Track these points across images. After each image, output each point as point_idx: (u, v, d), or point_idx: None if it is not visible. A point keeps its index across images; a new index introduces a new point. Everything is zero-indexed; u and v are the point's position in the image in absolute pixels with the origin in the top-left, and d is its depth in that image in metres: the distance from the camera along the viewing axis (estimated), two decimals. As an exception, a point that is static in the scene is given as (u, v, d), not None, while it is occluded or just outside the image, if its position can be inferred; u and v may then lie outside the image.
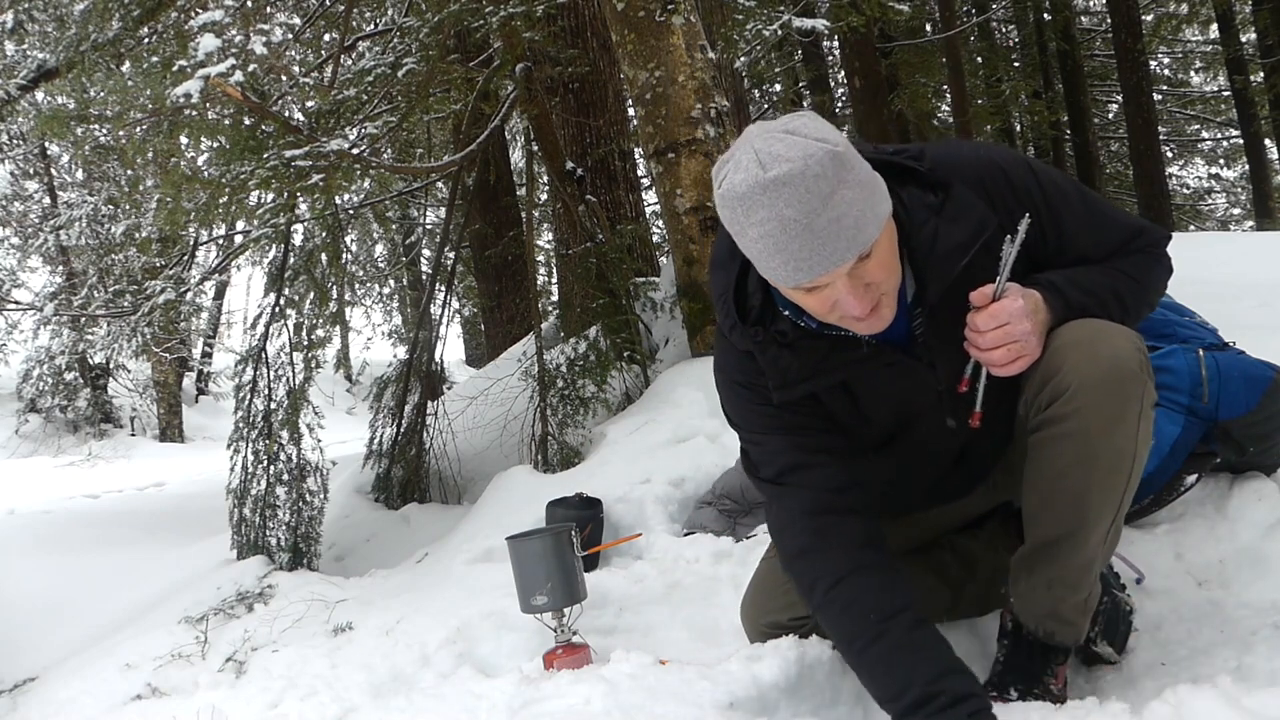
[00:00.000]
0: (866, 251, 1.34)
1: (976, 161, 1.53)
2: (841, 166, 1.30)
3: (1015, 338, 1.42)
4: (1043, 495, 1.53)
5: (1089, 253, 1.55)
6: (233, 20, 3.97)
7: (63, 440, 12.65)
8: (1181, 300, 2.42)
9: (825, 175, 1.29)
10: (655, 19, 3.89)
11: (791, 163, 1.29)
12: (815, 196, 1.29)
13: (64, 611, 4.04)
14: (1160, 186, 13.64)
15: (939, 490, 1.79)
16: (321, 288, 4.07)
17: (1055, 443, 1.47)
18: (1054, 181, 1.56)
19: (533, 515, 3.09)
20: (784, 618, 1.83)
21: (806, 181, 1.28)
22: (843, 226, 1.30)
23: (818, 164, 1.29)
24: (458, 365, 18.91)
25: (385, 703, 2.02)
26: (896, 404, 1.60)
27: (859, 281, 1.37)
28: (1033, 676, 1.61)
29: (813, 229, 1.29)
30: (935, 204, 1.48)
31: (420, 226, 16.96)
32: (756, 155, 1.31)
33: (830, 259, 1.31)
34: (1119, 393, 1.43)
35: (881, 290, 1.40)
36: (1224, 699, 1.37)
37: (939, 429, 1.62)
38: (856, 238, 1.32)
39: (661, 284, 4.49)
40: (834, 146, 1.31)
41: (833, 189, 1.29)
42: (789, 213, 1.29)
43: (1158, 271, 1.61)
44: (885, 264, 1.39)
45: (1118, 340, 1.45)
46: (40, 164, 12.50)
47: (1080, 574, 1.55)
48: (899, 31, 12.08)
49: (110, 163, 9.77)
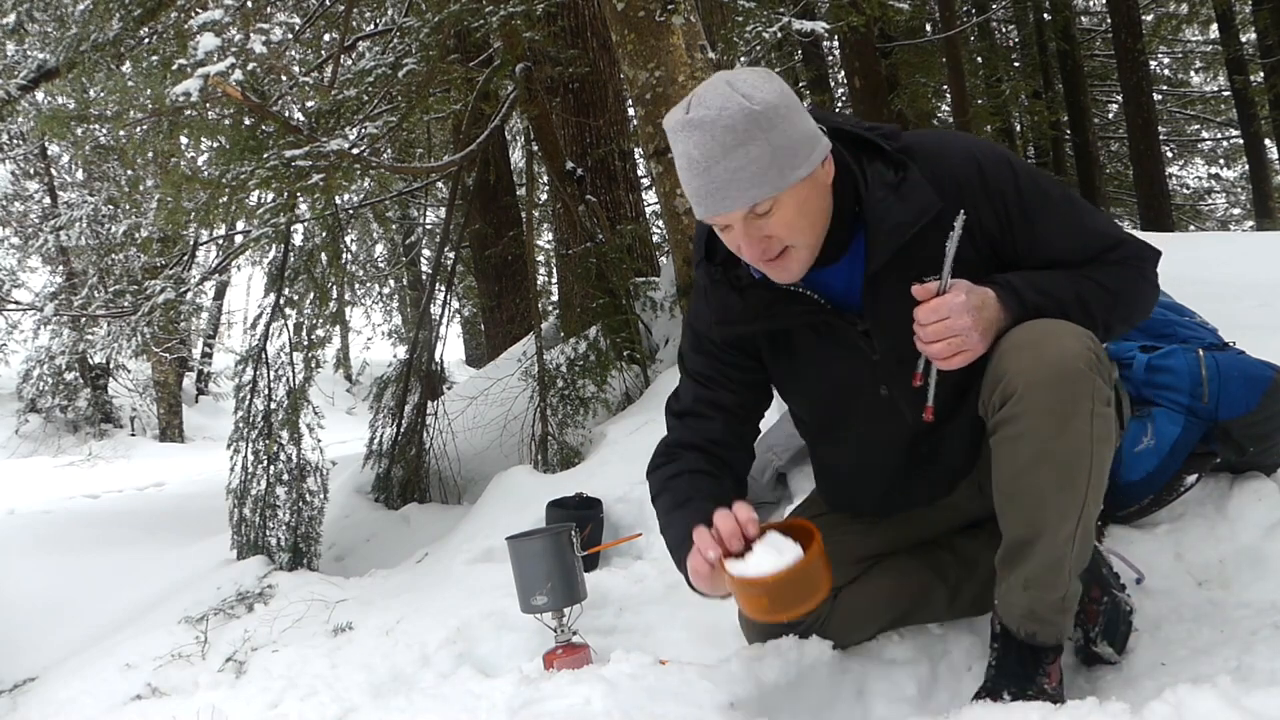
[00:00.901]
0: (764, 208, 1.44)
1: (954, 153, 1.57)
2: (754, 125, 1.40)
3: (955, 332, 1.46)
4: (1006, 497, 1.55)
5: (1061, 257, 1.57)
6: (232, 20, 3.97)
7: (63, 440, 12.64)
8: (1181, 300, 2.42)
9: (734, 129, 1.40)
10: (655, 19, 3.89)
11: (708, 110, 1.41)
12: (718, 145, 1.40)
13: (64, 611, 4.04)
14: (1160, 186, 13.64)
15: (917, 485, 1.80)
16: (321, 288, 4.07)
17: (1010, 444, 1.50)
18: (1034, 182, 1.58)
19: (533, 515, 3.09)
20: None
21: (715, 130, 1.40)
22: (737, 179, 1.41)
23: (730, 117, 1.40)
24: (458, 365, 18.90)
25: (385, 703, 2.01)
26: (831, 366, 1.66)
27: (756, 231, 1.46)
28: (1025, 679, 1.61)
29: (710, 173, 1.42)
30: (893, 182, 1.54)
31: (420, 226, 16.94)
32: (691, 98, 1.45)
33: (720, 204, 1.43)
34: (1067, 392, 1.45)
35: (784, 244, 1.48)
36: (1224, 699, 1.37)
37: (876, 401, 1.66)
38: (748, 193, 1.42)
39: (661, 284, 4.49)
40: (754, 105, 1.40)
41: (738, 143, 1.40)
42: (695, 153, 1.42)
43: (1137, 285, 1.60)
44: (789, 223, 1.47)
45: (1065, 340, 1.46)
46: (40, 164, 12.49)
47: (1052, 573, 1.56)
48: (899, 31, 12.07)
49: (110, 163, 9.77)
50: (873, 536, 1.89)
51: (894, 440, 1.71)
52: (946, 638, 1.89)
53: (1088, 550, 1.59)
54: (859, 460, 1.79)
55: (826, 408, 1.74)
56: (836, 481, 1.91)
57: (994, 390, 1.51)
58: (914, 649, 1.87)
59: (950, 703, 1.74)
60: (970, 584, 1.85)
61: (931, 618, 1.91)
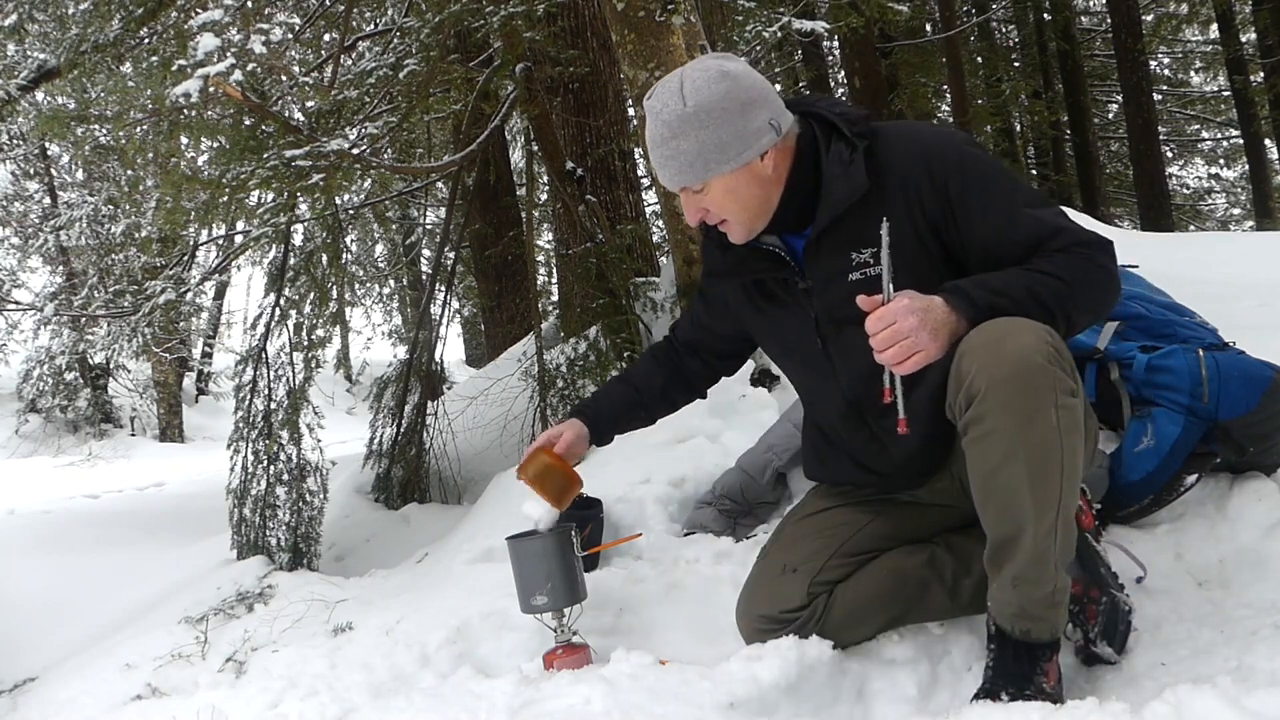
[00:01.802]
0: (697, 189, 1.71)
1: (908, 140, 1.71)
2: (684, 124, 1.65)
3: (904, 334, 1.50)
4: (983, 496, 1.58)
5: (999, 244, 1.62)
6: (232, 20, 3.96)
7: (63, 440, 12.64)
8: (1181, 300, 2.43)
9: (670, 124, 1.66)
10: (655, 19, 3.89)
11: (655, 102, 1.69)
12: (658, 134, 1.69)
13: (64, 611, 4.04)
14: (1160, 186, 13.65)
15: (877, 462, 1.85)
16: (321, 288, 4.07)
17: (980, 443, 1.54)
18: (980, 171, 1.65)
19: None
20: (774, 611, 1.86)
21: (656, 122, 1.69)
22: (669, 164, 1.69)
23: (668, 113, 1.66)
24: (458, 365, 18.92)
25: (385, 703, 2.01)
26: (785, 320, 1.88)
27: (694, 203, 1.75)
28: (1022, 678, 1.61)
29: (655, 153, 1.71)
30: (846, 160, 1.71)
31: (420, 226, 16.95)
32: (658, 83, 1.72)
33: (665, 179, 1.73)
34: (1028, 387, 1.48)
35: (721, 218, 1.76)
36: (1224, 699, 1.37)
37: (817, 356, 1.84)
38: (676, 177, 1.70)
39: (661, 284, 4.48)
40: (686, 109, 1.64)
41: (674, 134, 1.66)
42: (651, 132, 1.71)
43: (1088, 273, 1.60)
44: (718, 203, 1.73)
45: (1023, 335, 1.50)
46: (40, 164, 12.48)
47: (1038, 568, 1.57)
48: (899, 31, 12.07)
49: (110, 163, 9.77)
50: (866, 532, 1.91)
51: (830, 396, 1.87)
52: (946, 638, 1.89)
53: (1071, 542, 1.60)
54: (817, 419, 1.99)
55: (785, 359, 1.99)
56: (810, 446, 2.06)
57: (958, 392, 1.55)
58: (914, 649, 1.87)
59: (950, 703, 1.74)
60: (968, 580, 1.86)
61: (930, 616, 1.91)
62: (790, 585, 1.85)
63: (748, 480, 2.85)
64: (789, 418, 2.89)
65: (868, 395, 1.74)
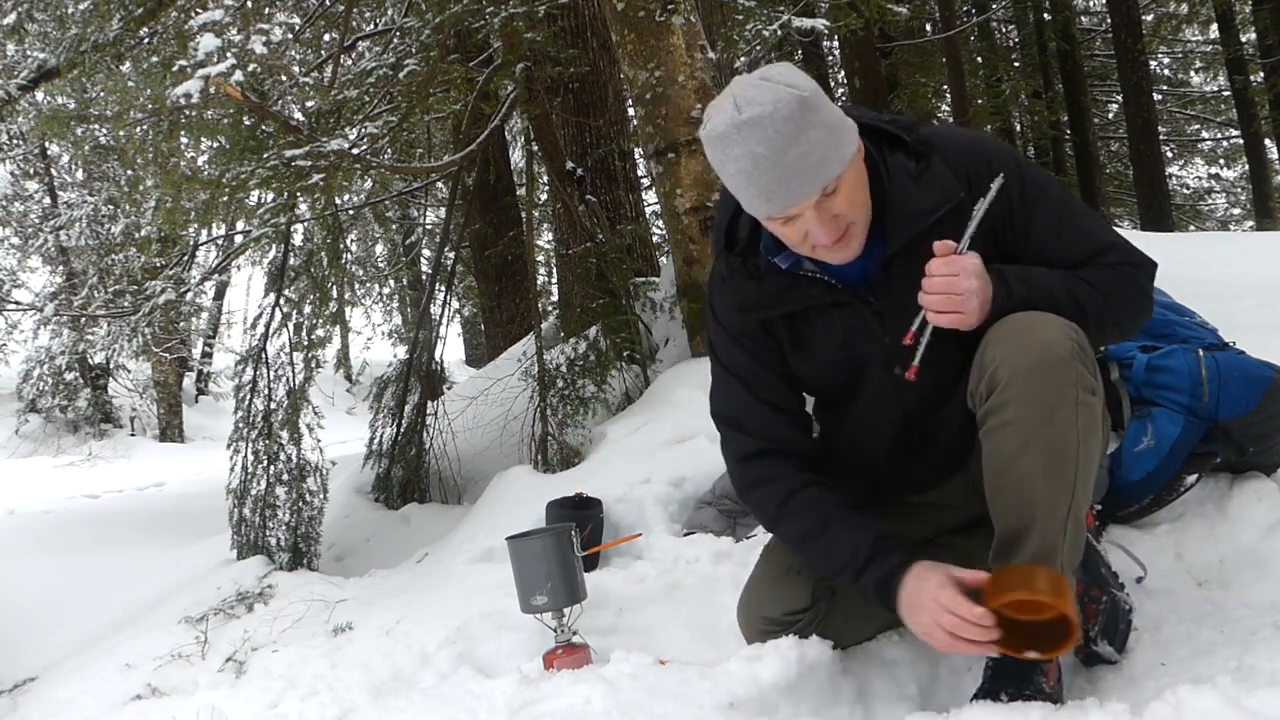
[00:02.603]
0: (831, 187, 1.49)
1: (965, 145, 1.65)
2: (807, 110, 1.45)
3: (959, 290, 1.50)
4: (996, 487, 1.57)
5: (1054, 256, 1.62)
6: (233, 20, 3.96)
7: (63, 440, 12.64)
8: (1181, 300, 2.42)
9: (792, 118, 1.44)
10: (655, 19, 3.89)
11: (762, 105, 1.45)
12: (783, 136, 1.44)
13: (64, 611, 4.04)
14: (1160, 186, 13.64)
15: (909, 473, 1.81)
16: (321, 288, 4.07)
17: (998, 433, 1.53)
18: (1035, 181, 1.64)
19: (533, 515, 3.09)
20: (778, 613, 1.84)
21: (775, 123, 1.44)
22: (808, 163, 1.46)
23: (786, 107, 1.44)
24: (458, 365, 18.89)
25: (385, 703, 2.01)
26: (843, 347, 1.70)
27: (826, 213, 1.51)
28: (1022, 678, 1.61)
29: (781, 164, 1.46)
30: (914, 171, 1.61)
31: (420, 226, 16.94)
32: (734, 100, 1.48)
33: (797, 192, 1.47)
34: (1050, 380, 1.48)
35: (849, 220, 1.54)
36: (1224, 699, 1.37)
37: (884, 382, 1.70)
38: (820, 173, 1.47)
39: (661, 284, 4.48)
40: (801, 92, 1.46)
41: (799, 130, 1.44)
42: (760, 150, 1.45)
43: (1127, 290, 1.63)
44: (851, 199, 1.53)
45: (1049, 329, 1.50)
46: (40, 164, 12.48)
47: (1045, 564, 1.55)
48: (899, 31, 12.07)
49: (110, 163, 9.76)
50: None
51: (893, 420, 1.75)
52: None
53: (1080, 544, 1.59)
54: (856, 439, 1.82)
55: (837, 386, 1.78)
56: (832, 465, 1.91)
57: (980, 380, 1.55)
58: (914, 649, 1.87)
59: (950, 703, 1.74)
60: (969, 584, 1.85)
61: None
62: (795, 587, 1.84)
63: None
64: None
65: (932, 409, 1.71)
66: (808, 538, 1.69)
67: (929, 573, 1.54)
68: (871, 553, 1.60)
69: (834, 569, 1.66)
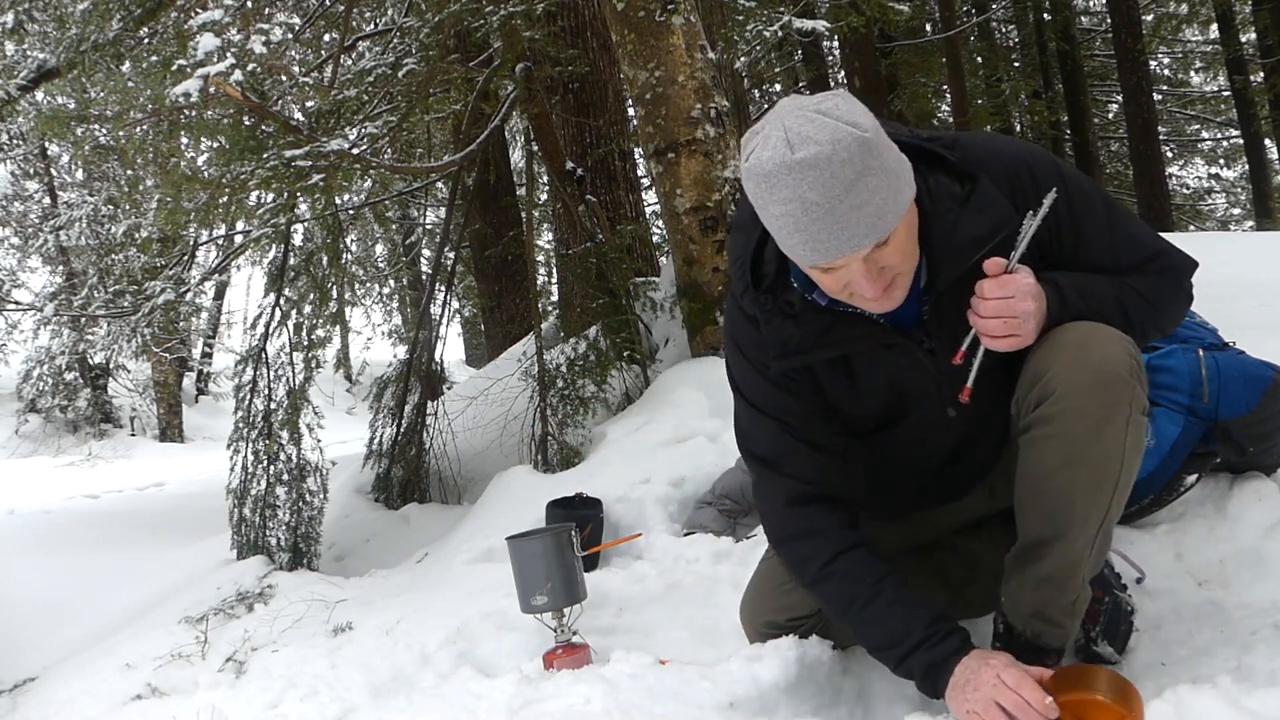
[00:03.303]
0: (884, 239, 1.35)
1: (1007, 158, 1.53)
2: (869, 153, 1.30)
3: (1015, 313, 1.43)
4: (1030, 495, 1.54)
5: (1104, 264, 1.55)
6: (232, 20, 3.97)
7: (63, 440, 12.65)
8: (1181, 300, 2.42)
9: (852, 161, 1.29)
10: (655, 19, 3.89)
11: (820, 146, 1.29)
12: (839, 182, 1.29)
13: (64, 611, 4.04)
14: (1160, 186, 13.64)
15: (937, 488, 1.79)
16: (321, 288, 4.07)
17: (1042, 443, 1.49)
18: (1081, 189, 1.56)
19: (533, 515, 3.09)
20: (781, 618, 1.84)
21: (833, 167, 1.29)
22: (864, 214, 1.31)
23: (845, 149, 1.29)
24: (458, 365, 18.90)
25: (385, 703, 2.02)
26: (893, 386, 1.60)
27: (874, 265, 1.38)
28: None
29: (834, 214, 1.30)
30: (960, 194, 1.48)
31: (420, 226, 16.95)
32: (786, 134, 1.31)
33: (848, 244, 1.33)
34: (1106, 397, 1.43)
35: (896, 272, 1.41)
36: (1224, 699, 1.37)
37: (937, 419, 1.62)
38: (876, 225, 1.33)
39: (661, 284, 4.48)
40: (864, 133, 1.31)
41: (858, 175, 1.29)
42: (812, 196, 1.30)
43: (1174, 296, 1.60)
44: (902, 249, 1.40)
45: (1109, 345, 1.45)
46: (40, 164, 12.49)
47: (1067, 576, 1.55)
48: (899, 31, 12.06)
49: (110, 163, 9.77)
50: (875, 539, 1.89)
51: (936, 445, 1.69)
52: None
53: (1103, 557, 1.59)
54: (893, 466, 1.74)
55: (872, 422, 1.66)
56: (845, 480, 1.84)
57: (1031, 387, 1.49)
58: (914, 649, 1.86)
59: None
60: (973, 585, 1.85)
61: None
62: (799, 593, 1.81)
63: (748, 480, 2.84)
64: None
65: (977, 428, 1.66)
66: (852, 605, 1.58)
67: (993, 655, 1.46)
68: (925, 635, 1.50)
69: (878, 644, 1.57)
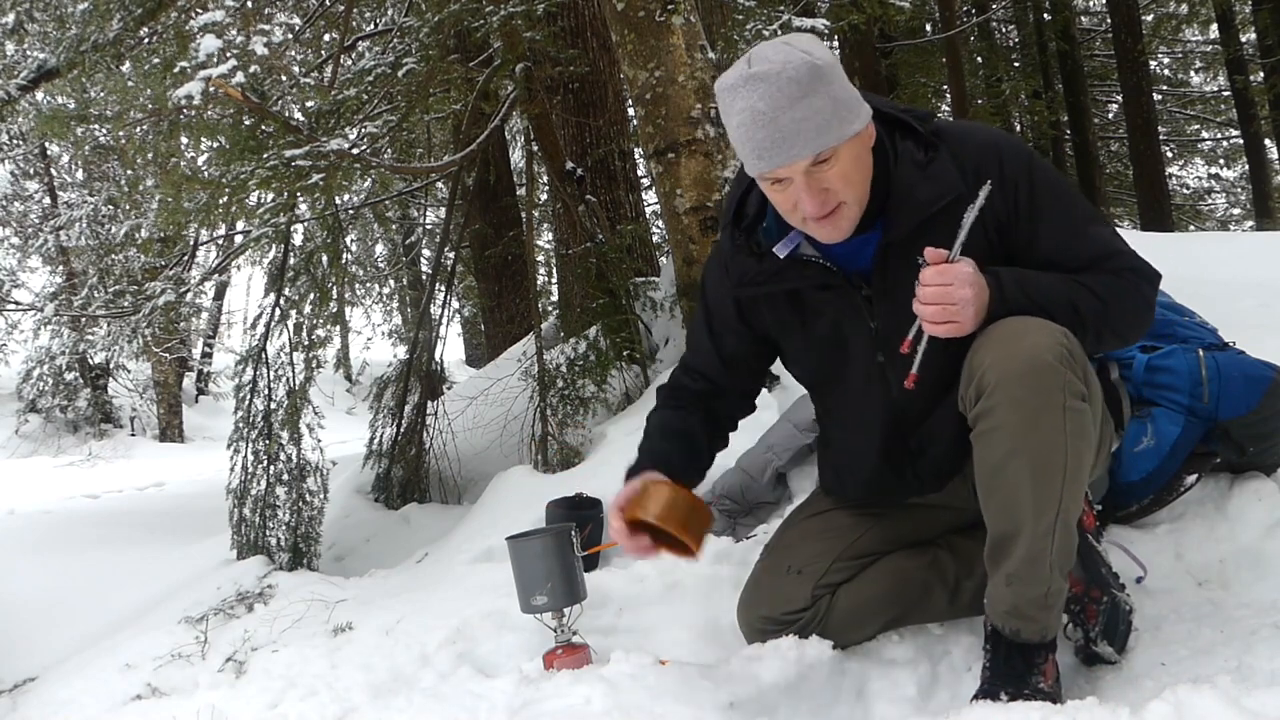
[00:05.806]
0: (825, 156, 1.50)
1: (979, 140, 1.64)
2: (817, 78, 1.47)
3: (953, 300, 1.50)
4: (985, 491, 1.58)
5: (1061, 257, 1.61)
6: (233, 21, 3.97)
7: (63, 440, 12.64)
8: (1181, 300, 2.42)
9: (799, 80, 1.46)
10: (655, 19, 3.89)
11: (772, 64, 1.47)
12: (785, 96, 1.46)
13: (64, 611, 4.04)
14: (1160, 186, 13.64)
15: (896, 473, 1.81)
16: (322, 288, 4.07)
17: (987, 437, 1.54)
18: (1047, 181, 1.63)
19: (533, 515, 3.09)
20: (776, 612, 1.85)
21: (780, 82, 1.46)
22: (804, 128, 1.47)
23: (794, 69, 1.46)
24: (458, 365, 18.90)
25: (385, 703, 2.01)
26: (835, 330, 1.73)
27: (817, 184, 1.52)
28: (1019, 679, 1.61)
29: (777, 123, 1.47)
30: (921, 161, 1.60)
31: (420, 226, 16.94)
32: (750, 56, 1.51)
33: (787, 153, 1.48)
34: (1036, 386, 1.48)
35: (840, 198, 1.54)
36: (1224, 699, 1.37)
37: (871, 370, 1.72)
38: (814, 140, 1.48)
39: (661, 284, 4.48)
40: (815, 60, 1.47)
41: (803, 94, 1.46)
42: (760, 105, 1.47)
43: (1131, 300, 1.62)
44: (846, 176, 1.53)
45: (1038, 334, 1.50)
46: (40, 164, 12.49)
47: (1031, 568, 1.56)
48: (899, 31, 12.07)
49: (110, 163, 9.78)
50: (871, 534, 1.90)
51: (878, 414, 1.76)
52: (946, 638, 1.89)
53: (1070, 548, 1.59)
54: (848, 432, 1.86)
55: (824, 371, 1.82)
56: (830, 458, 1.97)
57: (969, 384, 1.55)
58: (914, 649, 1.87)
59: (950, 703, 1.74)
60: (970, 583, 1.86)
61: (931, 617, 1.91)
62: (794, 587, 1.84)
63: (748, 480, 2.85)
64: (789, 418, 2.89)
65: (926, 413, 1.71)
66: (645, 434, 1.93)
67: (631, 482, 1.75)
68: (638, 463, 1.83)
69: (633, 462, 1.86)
